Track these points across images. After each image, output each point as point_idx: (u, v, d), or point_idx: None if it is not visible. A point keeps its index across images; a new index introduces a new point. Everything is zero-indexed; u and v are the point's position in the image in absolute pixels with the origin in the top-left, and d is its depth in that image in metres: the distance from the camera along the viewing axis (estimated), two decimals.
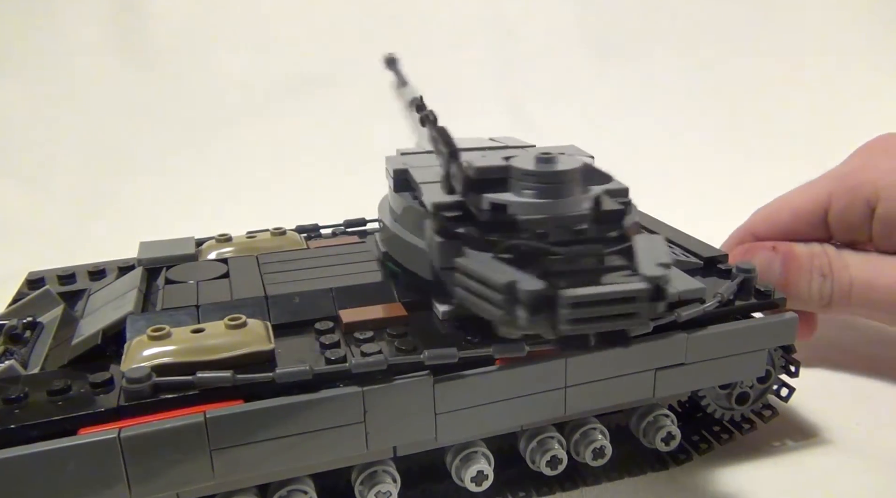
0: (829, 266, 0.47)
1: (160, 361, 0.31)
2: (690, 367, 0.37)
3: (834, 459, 0.41)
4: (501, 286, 0.28)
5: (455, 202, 0.35)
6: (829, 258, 0.47)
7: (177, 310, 0.37)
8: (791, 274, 0.47)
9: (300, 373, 0.31)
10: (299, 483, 0.34)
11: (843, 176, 0.49)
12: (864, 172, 0.48)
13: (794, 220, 0.50)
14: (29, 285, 0.46)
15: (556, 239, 0.32)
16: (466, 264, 0.31)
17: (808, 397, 0.46)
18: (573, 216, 0.33)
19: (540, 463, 0.37)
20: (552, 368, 0.35)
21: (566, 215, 0.33)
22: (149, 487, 0.30)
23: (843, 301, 0.46)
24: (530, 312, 0.27)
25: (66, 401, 0.30)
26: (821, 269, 0.47)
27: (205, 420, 0.30)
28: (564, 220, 0.33)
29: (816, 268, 0.47)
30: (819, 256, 0.47)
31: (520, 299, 0.28)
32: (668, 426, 0.39)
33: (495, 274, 0.29)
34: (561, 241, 0.32)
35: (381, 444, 0.33)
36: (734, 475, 0.40)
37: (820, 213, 0.49)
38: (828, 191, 0.49)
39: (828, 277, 0.46)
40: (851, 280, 0.46)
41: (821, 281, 0.46)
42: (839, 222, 0.48)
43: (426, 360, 0.32)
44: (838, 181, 0.49)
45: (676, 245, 0.47)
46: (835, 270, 0.46)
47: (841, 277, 0.46)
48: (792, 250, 0.48)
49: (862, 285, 0.46)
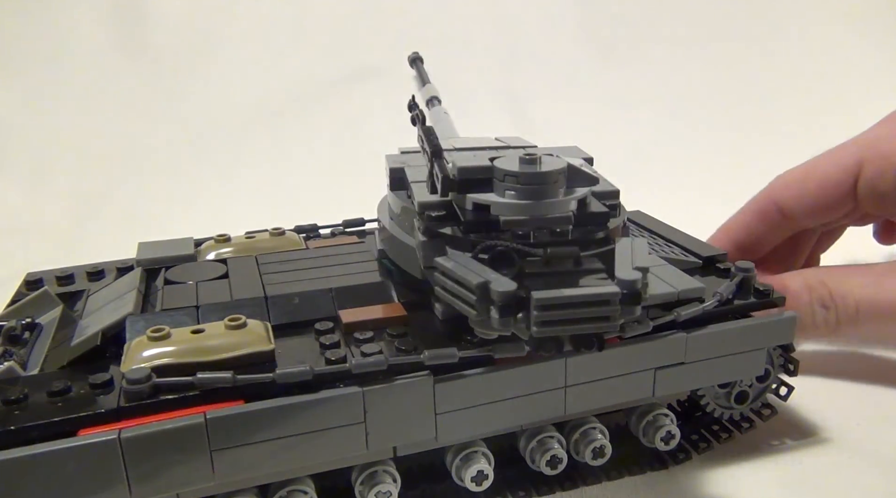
0: (830, 296, 0.45)
1: (160, 361, 0.31)
2: (690, 366, 0.37)
3: (833, 459, 0.41)
4: (474, 287, 0.29)
5: (440, 202, 0.35)
6: (829, 288, 0.45)
7: (176, 310, 0.37)
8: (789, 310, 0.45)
9: (300, 373, 0.31)
10: (299, 483, 0.34)
11: (875, 142, 0.47)
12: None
13: (821, 189, 0.48)
14: (28, 286, 0.46)
15: (537, 240, 0.32)
16: (444, 264, 0.31)
17: (808, 396, 0.46)
18: (554, 218, 0.33)
19: (540, 462, 0.37)
20: (552, 368, 0.35)
21: (547, 217, 0.33)
22: (149, 487, 0.30)
23: (850, 324, 0.45)
24: (502, 313, 0.28)
25: (65, 402, 0.30)
26: (821, 300, 0.45)
27: (205, 421, 0.30)
28: (545, 222, 0.33)
29: (816, 300, 0.45)
30: (817, 289, 0.45)
31: (492, 300, 0.28)
32: (667, 425, 0.39)
33: (469, 275, 0.29)
34: (541, 242, 0.32)
35: (382, 444, 0.33)
36: (733, 474, 0.40)
37: (849, 182, 0.47)
38: (857, 158, 0.47)
39: (831, 307, 0.45)
40: (857, 304, 0.45)
41: (824, 312, 0.45)
42: (869, 191, 0.46)
43: (426, 360, 0.32)
44: (869, 148, 0.47)
45: (675, 244, 0.47)
46: (836, 298, 0.45)
47: (846, 304, 0.45)
48: (786, 287, 0.45)
49: (867, 304, 0.45)
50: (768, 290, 0.39)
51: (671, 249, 0.46)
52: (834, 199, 0.48)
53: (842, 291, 0.45)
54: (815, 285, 0.46)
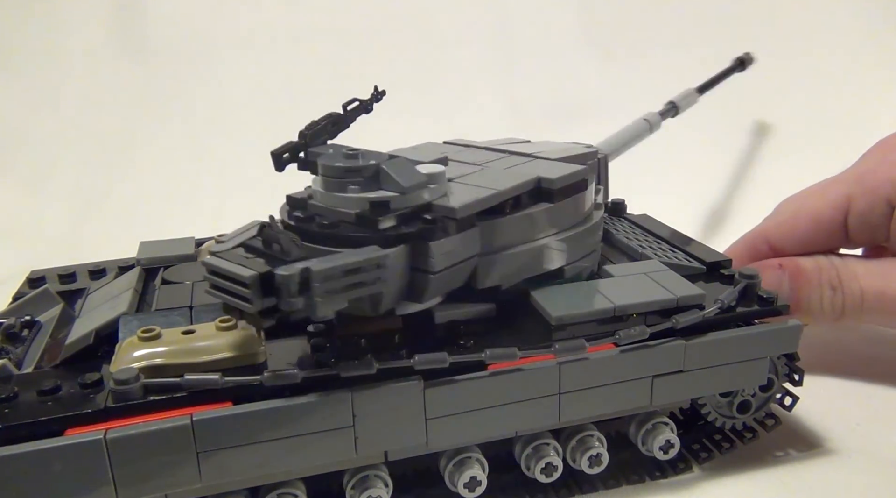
0: (838, 278, 0.46)
1: (149, 362, 0.31)
2: (689, 374, 0.37)
3: (839, 472, 0.40)
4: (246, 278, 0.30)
5: (301, 199, 0.37)
6: (837, 270, 0.47)
7: (170, 311, 0.37)
8: (801, 290, 0.47)
9: (288, 376, 0.31)
10: (290, 486, 0.34)
11: (861, 176, 0.48)
12: (882, 171, 0.47)
13: (813, 226, 0.49)
14: (30, 284, 0.46)
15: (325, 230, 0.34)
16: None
17: (813, 406, 0.45)
18: (339, 211, 0.35)
19: (535, 470, 0.37)
20: (545, 375, 0.34)
21: (335, 209, 0.35)
22: (135, 488, 0.30)
23: (855, 311, 0.46)
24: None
25: (55, 401, 0.30)
26: (830, 281, 0.46)
27: (191, 422, 0.30)
28: (333, 214, 0.35)
29: (826, 281, 0.46)
30: (827, 270, 0.47)
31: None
32: (666, 434, 0.39)
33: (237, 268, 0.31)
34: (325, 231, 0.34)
35: (371, 448, 0.33)
36: (735, 486, 0.39)
37: (839, 219, 0.48)
38: (845, 194, 0.48)
39: (838, 289, 0.46)
40: (862, 289, 0.46)
41: (831, 294, 0.46)
42: (860, 225, 0.47)
43: (416, 364, 0.32)
44: (856, 183, 0.48)
45: (680, 249, 0.46)
46: (844, 281, 0.46)
47: (851, 287, 0.46)
48: (799, 266, 0.47)
49: (873, 293, 0.46)
50: (773, 297, 0.39)
51: (675, 254, 0.45)
52: (824, 236, 0.49)
53: (849, 276, 0.46)
54: (826, 267, 0.47)
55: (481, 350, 0.33)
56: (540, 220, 0.38)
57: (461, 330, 0.36)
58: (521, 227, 0.37)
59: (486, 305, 0.37)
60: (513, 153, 0.44)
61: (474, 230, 0.35)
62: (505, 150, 0.44)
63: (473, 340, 0.35)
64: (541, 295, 0.37)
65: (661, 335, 0.36)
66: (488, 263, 0.36)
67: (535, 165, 0.41)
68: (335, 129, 0.40)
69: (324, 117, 0.39)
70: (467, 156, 0.43)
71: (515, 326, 0.37)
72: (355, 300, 0.32)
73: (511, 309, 0.38)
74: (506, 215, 0.37)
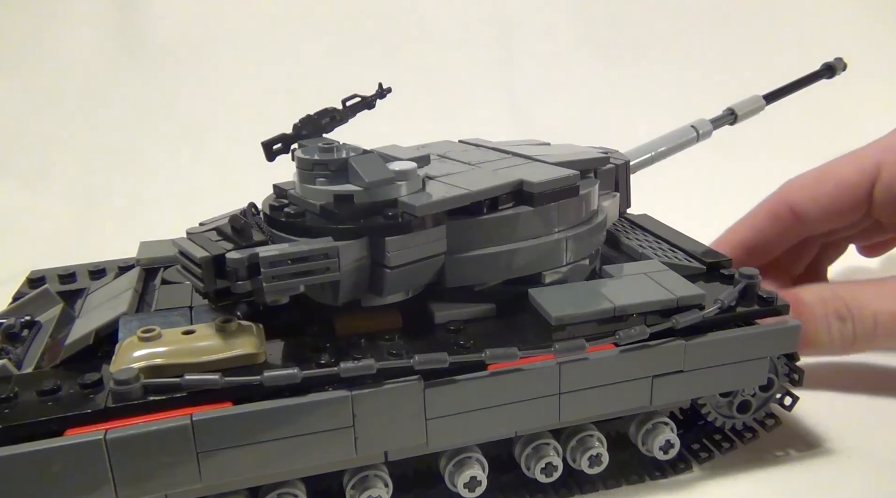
0: (847, 307, 0.43)
1: (149, 362, 0.31)
2: (689, 374, 0.37)
3: (840, 472, 0.40)
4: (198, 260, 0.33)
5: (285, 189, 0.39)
6: (845, 300, 0.44)
7: (170, 311, 0.37)
8: (805, 324, 0.42)
9: (288, 376, 0.31)
10: (290, 486, 0.34)
11: (894, 146, 0.46)
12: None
13: (837, 190, 0.47)
14: (30, 284, 0.46)
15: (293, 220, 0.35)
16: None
17: (813, 405, 0.44)
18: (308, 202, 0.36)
19: (534, 470, 0.37)
20: (545, 375, 0.34)
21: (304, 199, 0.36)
22: (135, 489, 0.30)
23: (867, 338, 0.44)
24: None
25: (55, 401, 0.30)
26: (837, 312, 0.44)
27: (191, 423, 0.30)
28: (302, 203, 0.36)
29: (832, 312, 0.44)
30: (832, 301, 0.44)
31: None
32: (666, 434, 0.39)
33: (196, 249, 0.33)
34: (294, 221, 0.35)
35: (371, 449, 0.33)
36: (735, 486, 0.39)
37: (866, 185, 0.46)
38: (876, 161, 0.46)
39: (847, 318, 0.43)
40: (875, 315, 0.43)
41: (840, 325, 0.43)
42: (885, 196, 0.46)
43: (416, 364, 0.32)
44: (888, 151, 0.46)
45: (680, 249, 0.46)
46: (853, 309, 0.43)
47: (863, 315, 0.43)
48: (800, 299, 0.44)
49: (887, 318, 0.43)
50: (773, 297, 0.39)
51: (675, 253, 0.45)
52: (849, 203, 0.47)
53: (858, 303, 0.44)
54: (829, 298, 0.44)
55: (481, 350, 0.33)
56: (518, 224, 0.38)
57: (461, 330, 0.36)
58: (495, 228, 0.37)
59: (486, 305, 0.37)
60: (515, 155, 0.43)
61: (439, 228, 0.35)
62: (509, 151, 0.44)
63: (473, 340, 0.35)
64: (541, 295, 0.37)
65: (661, 335, 0.36)
66: (456, 262, 0.37)
67: (525, 168, 0.40)
68: (332, 123, 0.40)
69: (319, 111, 0.40)
70: (469, 155, 0.43)
71: (515, 326, 0.37)
72: (314, 288, 0.33)
73: (511, 309, 0.38)
74: (480, 216, 0.37)
